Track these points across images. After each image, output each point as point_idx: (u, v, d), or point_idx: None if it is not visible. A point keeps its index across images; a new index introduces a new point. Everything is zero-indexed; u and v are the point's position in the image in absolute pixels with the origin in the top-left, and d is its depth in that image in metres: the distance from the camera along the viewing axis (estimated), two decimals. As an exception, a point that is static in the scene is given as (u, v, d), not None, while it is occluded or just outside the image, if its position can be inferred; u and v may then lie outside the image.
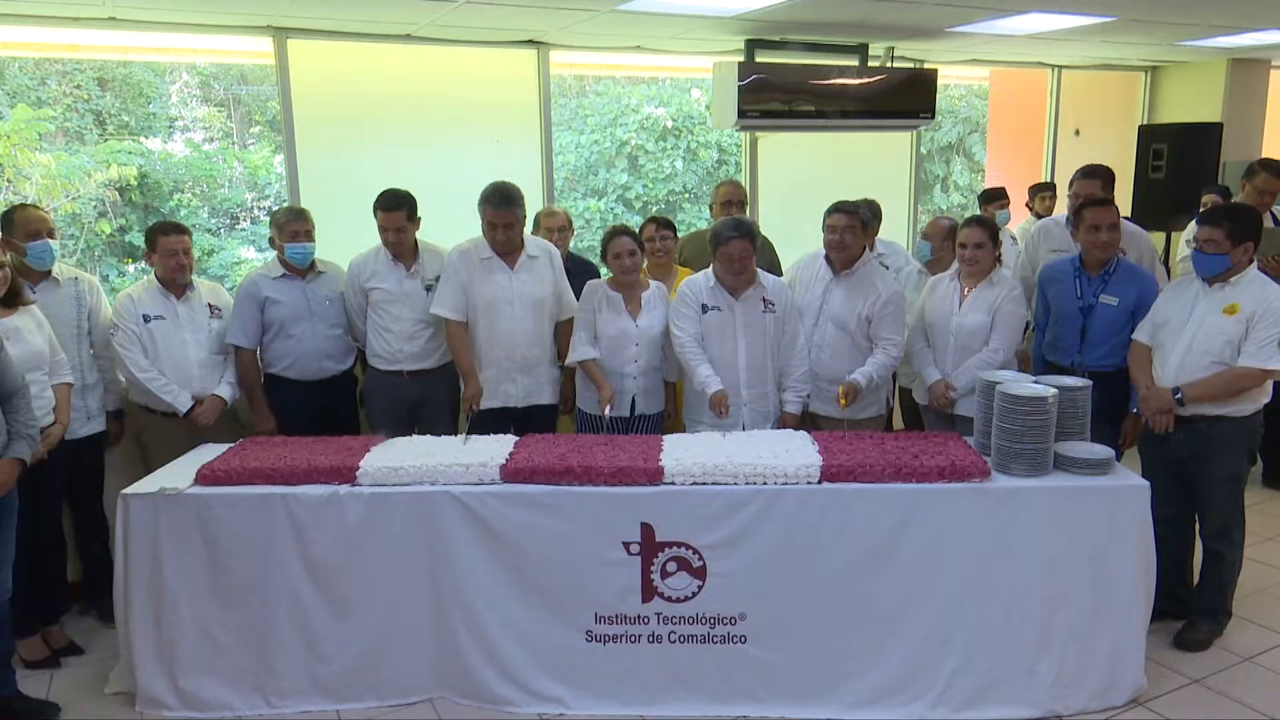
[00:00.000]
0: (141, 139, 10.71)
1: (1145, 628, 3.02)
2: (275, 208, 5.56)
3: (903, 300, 3.81)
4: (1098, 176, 4.14)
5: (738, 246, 3.54)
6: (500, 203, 3.64)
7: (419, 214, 3.86)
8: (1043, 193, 6.57)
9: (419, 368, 3.89)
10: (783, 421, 3.69)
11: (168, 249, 3.66)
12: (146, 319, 3.65)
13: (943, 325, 3.78)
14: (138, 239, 9.94)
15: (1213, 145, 5.77)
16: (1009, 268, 4.22)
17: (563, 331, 3.86)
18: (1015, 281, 3.75)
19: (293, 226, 3.83)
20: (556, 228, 4.38)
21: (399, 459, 3.07)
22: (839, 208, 3.70)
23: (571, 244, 4.52)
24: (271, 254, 3.94)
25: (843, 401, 3.47)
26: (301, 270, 3.88)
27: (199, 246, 9.34)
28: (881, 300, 3.66)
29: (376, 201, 3.82)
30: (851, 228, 3.65)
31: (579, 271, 4.19)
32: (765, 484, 2.95)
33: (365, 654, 3.04)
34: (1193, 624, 3.49)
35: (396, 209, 3.79)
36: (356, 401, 4.11)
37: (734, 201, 4.44)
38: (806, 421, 3.78)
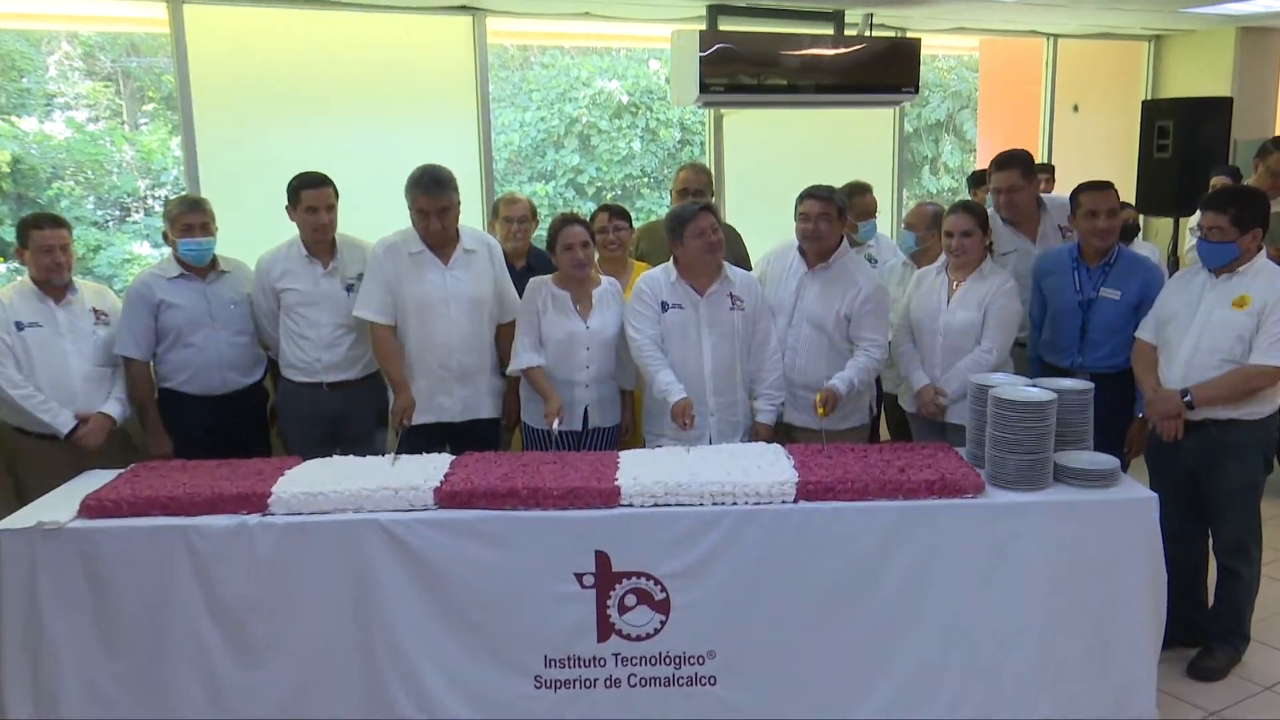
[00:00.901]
0: (14, 119, 10.47)
1: (1156, 656, 3.08)
2: (172, 197, 5.48)
3: (886, 296, 3.86)
4: (1015, 165, 4.15)
5: (707, 220, 3.58)
6: (431, 187, 3.63)
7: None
8: (1041, 173, 6.70)
9: (340, 379, 3.87)
10: (754, 433, 3.71)
11: (42, 245, 3.60)
12: (19, 326, 3.58)
13: (930, 323, 3.84)
14: (9, 233, 9.71)
15: (1222, 122, 5.92)
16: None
17: (505, 336, 3.86)
18: (1008, 274, 3.82)
19: (187, 219, 3.79)
20: (518, 218, 4.37)
21: (318, 484, 3.04)
22: (812, 193, 3.74)
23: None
24: (167, 251, 3.89)
25: (821, 410, 3.51)
26: (200, 269, 3.84)
27: (83, 242, 9.11)
28: (862, 296, 3.70)
29: (297, 182, 3.80)
30: (827, 215, 3.69)
31: (543, 269, 4.18)
32: (735, 504, 2.97)
33: (280, 707, 3.00)
34: (1208, 650, 3.57)
35: (324, 184, 3.80)
36: (267, 419, 4.07)
37: (695, 190, 4.46)
38: (781, 433, 3.81)
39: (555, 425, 3.52)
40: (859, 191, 4.68)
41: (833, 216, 3.71)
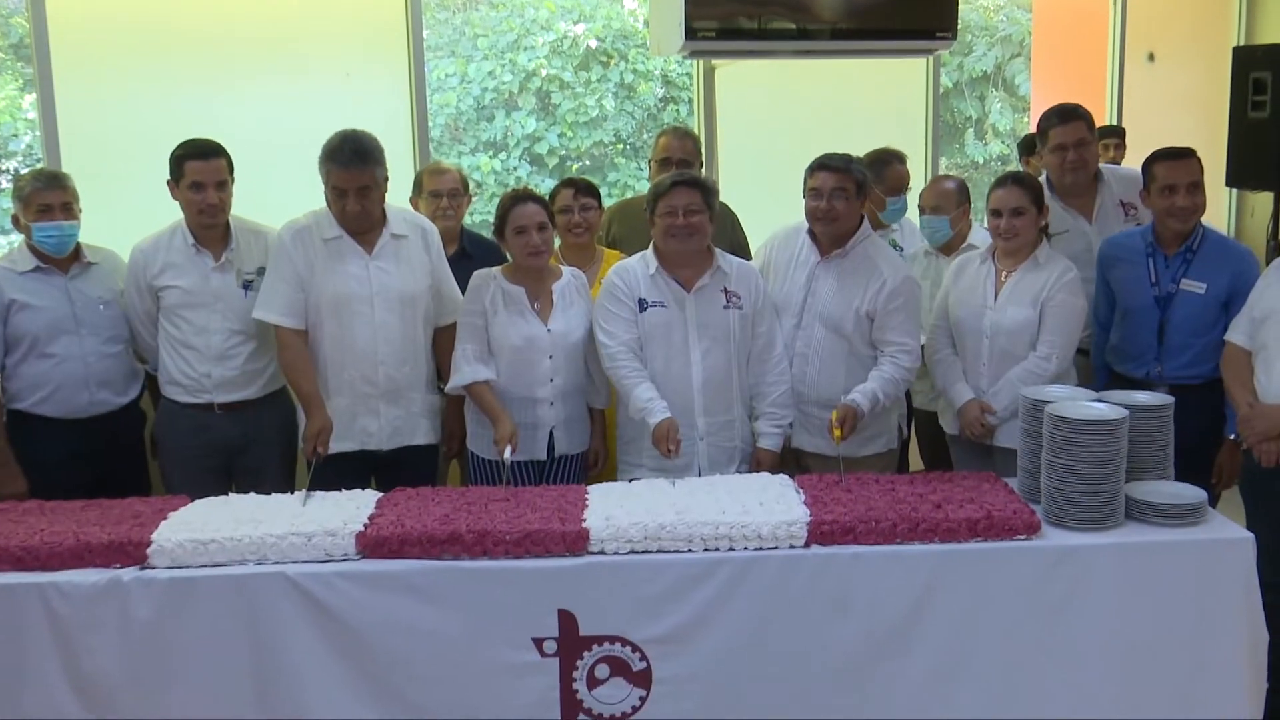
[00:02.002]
0: None
1: (1253, 732, 3.12)
2: (24, 170, 5.43)
3: (918, 290, 3.90)
4: (1082, 116, 4.22)
5: (684, 196, 3.60)
6: (350, 159, 3.64)
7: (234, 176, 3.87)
8: (1106, 139, 6.75)
9: (236, 398, 3.88)
10: (755, 462, 3.74)
11: None
12: None
13: (974, 324, 3.88)
14: None
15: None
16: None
17: (445, 342, 3.87)
18: (1069, 262, 3.86)
19: (43, 198, 3.78)
20: (447, 191, 4.37)
21: (209, 529, 3.03)
22: (825, 163, 3.76)
23: (469, 217, 4.52)
24: (18, 238, 3.88)
25: (837, 432, 3.53)
26: (61, 261, 3.83)
27: (-89, 228, 9.06)
28: (888, 289, 3.73)
29: (182, 151, 3.80)
30: (843, 190, 3.72)
31: (480, 257, 4.19)
32: (732, 550, 2.98)
33: (162, 809, 2.99)
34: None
35: (215, 155, 3.80)
36: (146, 448, 4.06)
37: (679, 160, 4.49)
38: (788, 461, 3.84)
39: (508, 454, 3.53)
40: (887, 160, 4.63)
41: (850, 192, 3.74)
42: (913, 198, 4.74)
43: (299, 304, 3.73)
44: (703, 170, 4.58)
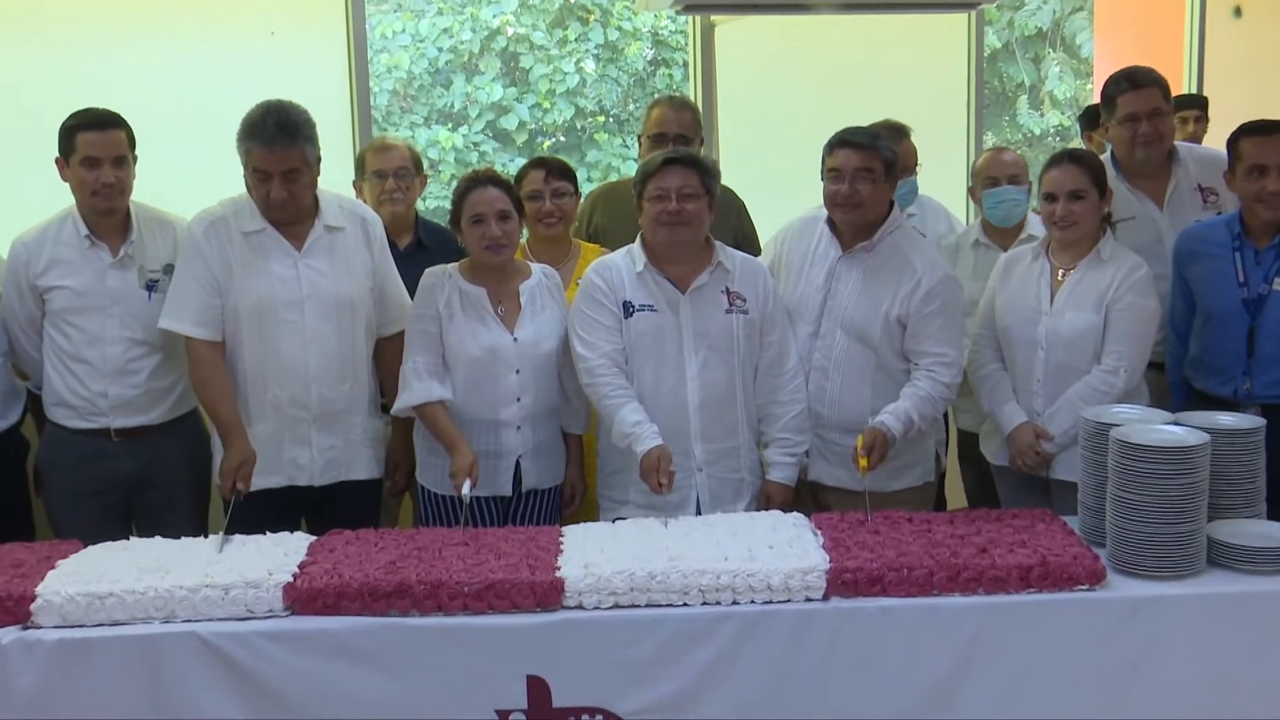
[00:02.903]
0: None
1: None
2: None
3: (959, 290, 3.92)
4: (1156, 82, 4.23)
5: (678, 177, 3.62)
6: (274, 136, 3.63)
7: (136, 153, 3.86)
8: (1184, 111, 6.77)
9: (137, 423, 3.87)
10: (765, 497, 3.75)
11: None
12: None
13: (1026, 332, 3.89)
14: None
15: None
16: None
17: (390, 355, 3.88)
18: (1138, 258, 3.87)
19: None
20: (394, 172, 4.38)
21: (106, 580, 3.02)
22: (847, 140, 3.77)
23: (423, 203, 4.52)
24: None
25: (863, 462, 3.54)
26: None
27: None
28: (923, 290, 3.75)
29: (73, 121, 3.79)
30: (869, 172, 3.73)
31: (439, 250, 4.19)
32: (736, 603, 2.99)
33: None
34: None
35: (112, 125, 3.79)
36: (28, 482, 4.05)
37: (674, 135, 4.50)
38: (804, 496, 3.86)
39: (467, 490, 3.53)
40: (891, 135, 4.69)
41: (878, 174, 3.74)
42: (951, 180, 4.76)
43: (214, 311, 3.72)
44: (701, 148, 4.59)
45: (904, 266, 3.77)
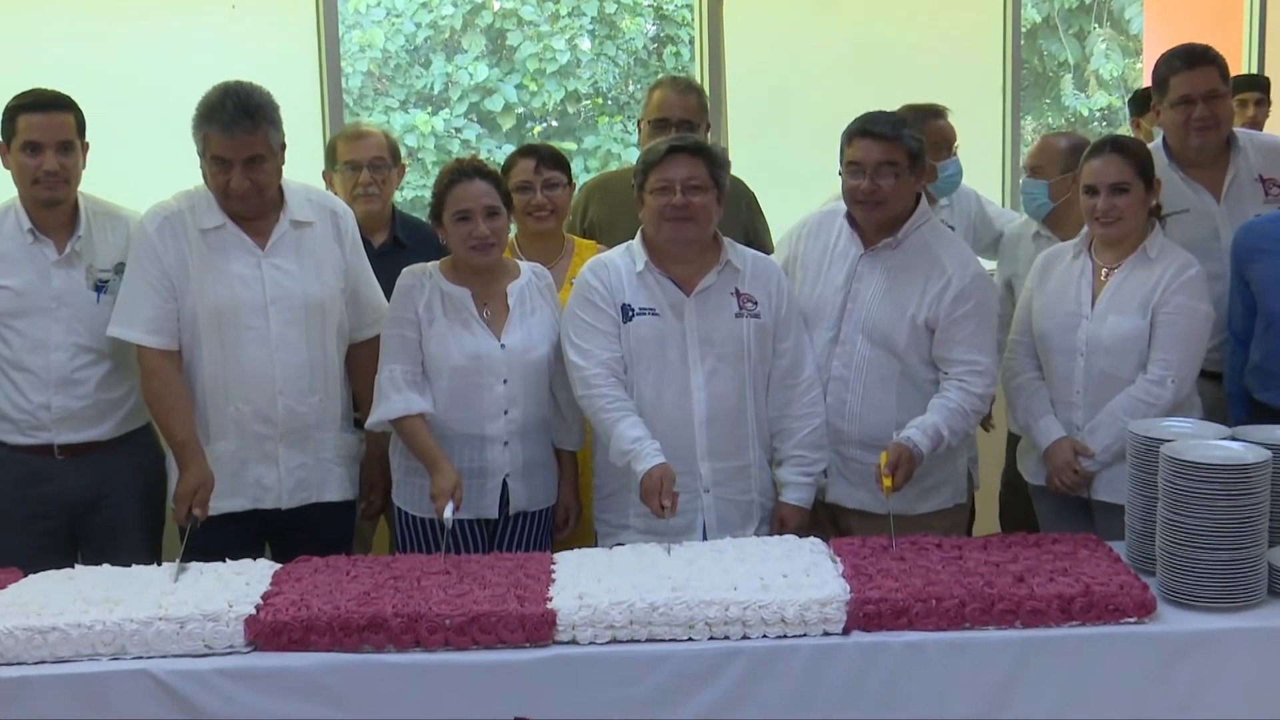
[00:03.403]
0: None
1: None
2: None
3: (994, 291, 3.93)
4: (1213, 61, 4.23)
5: (683, 167, 3.63)
6: (234, 119, 3.64)
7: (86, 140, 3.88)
8: (1244, 93, 6.77)
9: (83, 438, 3.88)
10: (779, 521, 3.76)
11: None
12: None
13: (1065, 338, 3.90)
14: None
15: None
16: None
17: (365, 363, 3.89)
18: (1188, 256, 3.87)
19: None
20: (369, 162, 4.39)
21: (48, 613, 3.03)
22: (868, 128, 3.78)
23: (400, 194, 4.53)
24: None
25: (887, 482, 3.54)
26: None
27: None
28: (953, 291, 3.75)
29: (15, 103, 3.79)
30: (892, 164, 3.73)
31: (418, 247, 4.20)
32: (747, 638, 2.99)
33: None
34: None
35: (59, 108, 3.79)
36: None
37: (679, 120, 4.52)
38: (822, 520, 3.87)
39: (449, 513, 3.53)
40: (923, 116, 4.64)
41: (902, 167, 3.75)
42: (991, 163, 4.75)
43: (168, 316, 3.73)
44: (708, 134, 4.60)
45: (932, 265, 3.78)
